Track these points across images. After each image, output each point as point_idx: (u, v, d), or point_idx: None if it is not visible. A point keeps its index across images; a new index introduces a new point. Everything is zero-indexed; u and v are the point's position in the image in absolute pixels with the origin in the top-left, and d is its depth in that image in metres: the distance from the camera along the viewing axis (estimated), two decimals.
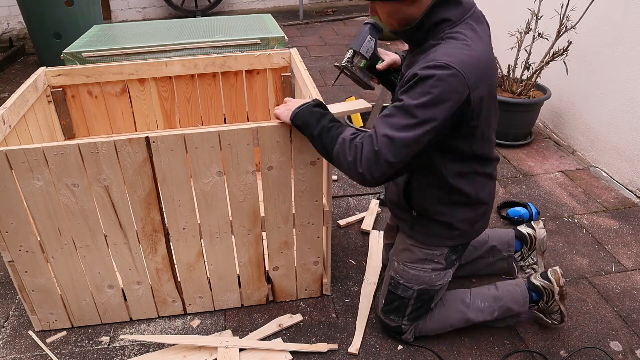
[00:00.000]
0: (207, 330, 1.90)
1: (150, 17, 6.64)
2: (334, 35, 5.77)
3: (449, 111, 1.33)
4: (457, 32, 1.39)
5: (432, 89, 1.31)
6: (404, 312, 1.75)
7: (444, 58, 1.32)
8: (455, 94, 1.32)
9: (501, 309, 1.78)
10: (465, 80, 1.31)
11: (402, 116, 1.34)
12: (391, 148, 1.34)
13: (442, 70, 1.30)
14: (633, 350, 1.78)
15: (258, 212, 1.77)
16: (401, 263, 1.72)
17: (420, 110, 1.32)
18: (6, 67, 4.94)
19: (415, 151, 1.37)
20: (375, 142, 1.35)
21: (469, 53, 1.34)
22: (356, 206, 2.62)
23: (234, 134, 1.59)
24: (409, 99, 1.33)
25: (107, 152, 1.55)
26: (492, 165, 1.63)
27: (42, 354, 1.81)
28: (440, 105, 1.31)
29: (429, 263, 1.68)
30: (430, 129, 1.34)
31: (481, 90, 1.37)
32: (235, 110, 2.56)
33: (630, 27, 2.56)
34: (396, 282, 1.73)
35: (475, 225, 1.66)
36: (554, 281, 1.75)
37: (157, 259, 1.80)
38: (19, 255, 1.69)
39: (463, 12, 1.41)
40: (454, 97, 1.32)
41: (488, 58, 1.42)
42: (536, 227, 2.02)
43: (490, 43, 1.50)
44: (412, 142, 1.35)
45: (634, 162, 2.63)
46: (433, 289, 1.71)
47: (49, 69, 2.23)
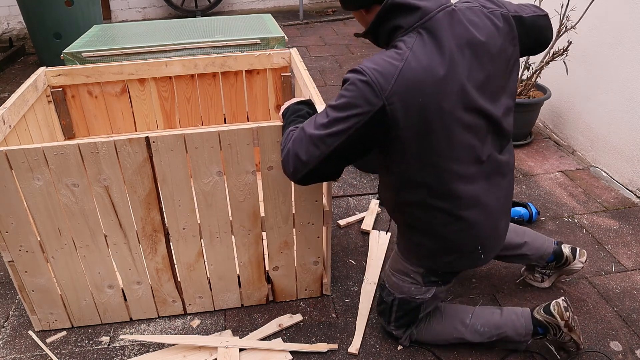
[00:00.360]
0: (207, 330, 1.90)
1: (150, 17, 6.64)
2: (334, 35, 5.77)
3: (360, 119, 1.27)
4: (402, 40, 1.30)
5: (346, 92, 1.29)
6: (389, 317, 1.74)
7: (365, 64, 1.28)
8: (365, 102, 1.26)
9: (500, 336, 1.70)
10: (377, 90, 1.24)
11: (321, 115, 1.34)
12: (302, 144, 1.34)
13: (356, 74, 1.28)
14: (633, 350, 1.78)
15: (258, 212, 1.77)
16: (389, 268, 1.73)
17: (333, 111, 1.30)
18: (6, 67, 4.94)
19: (327, 152, 1.32)
20: (294, 138, 1.37)
21: (397, 64, 1.25)
22: (356, 206, 2.62)
23: (234, 134, 1.59)
24: (332, 101, 1.33)
25: (107, 152, 1.55)
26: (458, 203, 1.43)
27: (42, 354, 1.81)
28: (350, 109, 1.27)
29: (408, 276, 1.65)
30: (339, 131, 1.29)
31: (407, 106, 1.26)
32: (235, 110, 2.56)
33: (630, 27, 2.56)
34: (383, 285, 1.74)
35: (445, 257, 1.54)
36: (557, 316, 1.63)
37: (157, 259, 1.80)
38: (19, 255, 1.69)
39: (418, 18, 1.29)
40: (364, 106, 1.26)
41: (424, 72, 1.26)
42: (577, 258, 1.94)
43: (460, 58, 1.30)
44: (320, 142, 1.31)
45: (634, 162, 2.63)
46: (414, 301, 1.66)
47: (49, 69, 2.23)
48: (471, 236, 1.50)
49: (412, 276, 1.64)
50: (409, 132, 1.30)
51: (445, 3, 1.33)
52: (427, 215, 1.47)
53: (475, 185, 1.44)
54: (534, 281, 2.05)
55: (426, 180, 1.41)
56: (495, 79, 1.40)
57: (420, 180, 1.41)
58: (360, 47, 5.29)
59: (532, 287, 2.05)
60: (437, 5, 1.31)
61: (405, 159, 1.37)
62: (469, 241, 1.51)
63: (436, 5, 1.30)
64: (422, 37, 1.29)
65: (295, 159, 1.36)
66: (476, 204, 1.46)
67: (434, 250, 1.55)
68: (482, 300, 2.01)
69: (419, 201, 1.45)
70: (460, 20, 1.33)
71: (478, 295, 2.03)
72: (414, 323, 1.75)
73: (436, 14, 1.29)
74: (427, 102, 1.28)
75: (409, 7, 1.29)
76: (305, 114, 1.52)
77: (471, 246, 1.53)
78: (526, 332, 1.68)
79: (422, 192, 1.43)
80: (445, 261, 1.56)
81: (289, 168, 1.38)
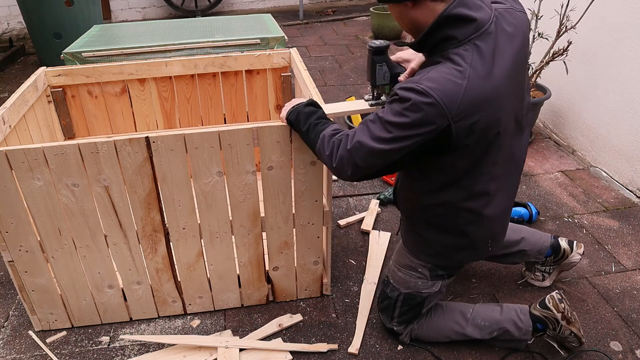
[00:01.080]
0: (207, 330, 1.90)
1: (150, 17, 6.64)
2: (334, 35, 5.77)
3: (423, 138, 1.28)
4: (457, 53, 1.28)
5: (408, 112, 1.27)
6: (392, 313, 1.75)
7: (426, 83, 1.25)
8: (430, 123, 1.26)
9: (500, 331, 1.71)
10: (445, 111, 1.24)
11: (378, 127, 1.33)
12: (361, 153, 1.36)
13: (419, 96, 1.25)
14: (633, 350, 1.78)
15: (258, 212, 1.77)
16: (394, 263, 1.73)
17: (394, 128, 1.30)
18: (6, 67, 4.94)
19: (387, 162, 1.36)
20: (349, 143, 1.38)
21: (461, 83, 1.25)
22: (356, 206, 2.62)
23: (234, 134, 1.59)
24: (388, 114, 1.31)
25: (107, 152, 1.55)
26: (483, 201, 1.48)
27: (42, 354, 1.81)
28: (415, 129, 1.27)
29: (415, 271, 1.66)
30: (401, 147, 1.31)
31: (472, 123, 1.28)
32: (235, 110, 2.56)
33: (630, 27, 2.56)
34: (387, 280, 1.75)
35: (458, 254, 1.59)
36: (552, 309, 1.66)
37: (157, 259, 1.80)
38: (19, 255, 1.69)
39: (474, 29, 1.27)
40: (429, 126, 1.26)
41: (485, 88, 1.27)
42: (574, 249, 1.95)
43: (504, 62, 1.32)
44: (381, 154, 1.34)
45: (634, 162, 2.63)
46: (420, 296, 1.68)
47: (49, 69, 2.23)
48: (487, 231, 1.56)
49: (419, 270, 1.65)
50: (469, 144, 1.33)
51: (492, 12, 1.32)
52: (453, 215, 1.50)
53: (500, 182, 1.49)
54: (535, 280, 2.05)
55: (465, 185, 1.44)
56: (525, 81, 1.46)
57: (462, 185, 1.44)
58: (360, 47, 5.29)
59: (532, 287, 2.05)
60: (489, 16, 1.30)
61: (456, 166, 1.40)
62: (484, 236, 1.57)
63: (488, 15, 1.30)
64: (479, 50, 1.27)
65: (354, 166, 1.39)
66: (497, 200, 1.51)
67: (449, 248, 1.58)
68: (482, 300, 2.01)
69: (452, 202, 1.48)
70: (504, 29, 1.33)
71: (478, 295, 2.03)
72: (416, 318, 1.76)
73: (489, 26, 1.29)
74: (489, 116, 1.30)
75: (467, 19, 1.27)
76: (323, 114, 1.55)
77: (484, 241, 1.58)
78: (526, 329, 1.69)
79: (460, 194, 1.46)
80: (457, 258, 1.62)
81: (346, 172, 1.41)
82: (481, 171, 1.42)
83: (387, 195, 2.62)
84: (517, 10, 1.42)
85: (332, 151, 1.42)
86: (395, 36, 5.48)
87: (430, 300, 1.71)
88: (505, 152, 1.44)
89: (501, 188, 1.51)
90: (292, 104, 1.60)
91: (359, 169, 1.39)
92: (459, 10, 1.26)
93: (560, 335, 1.69)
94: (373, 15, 5.52)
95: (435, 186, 1.47)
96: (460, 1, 1.27)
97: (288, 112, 1.58)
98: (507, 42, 1.33)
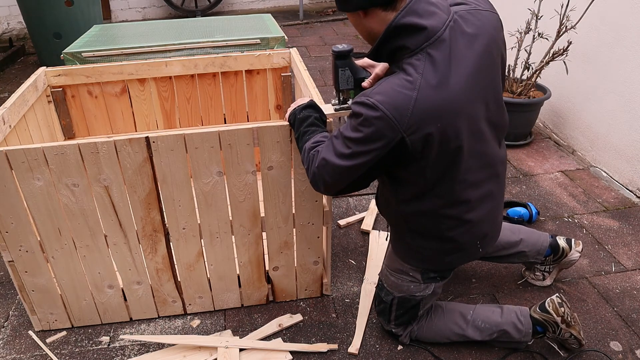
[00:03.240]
0: (207, 330, 1.90)
1: (150, 17, 6.64)
2: (334, 35, 5.77)
3: (380, 152, 1.28)
4: (410, 63, 1.26)
5: (361, 127, 1.27)
6: (389, 316, 1.75)
7: (376, 97, 1.24)
8: (382, 137, 1.25)
9: (500, 333, 1.71)
10: (395, 124, 1.22)
11: (340, 143, 1.34)
12: (328, 170, 1.37)
13: (369, 110, 1.24)
14: (633, 350, 1.78)
15: (258, 212, 1.77)
16: (386, 267, 1.73)
17: (352, 144, 1.30)
18: (6, 67, 4.94)
19: (354, 178, 1.36)
20: (316, 162, 1.40)
21: (410, 94, 1.22)
22: (356, 206, 2.62)
23: (234, 134, 1.59)
24: (347, 130, 1.32)
25: (107, 152, 1.55)
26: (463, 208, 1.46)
27: (42, 354, 1.81)
28: (370, 144, 1.27)
29: (406, 274, 1.65)
30: (361, 163, 1.31)
31: (426, 134, 1.25)
32: (235, 110, 2.56)
33: (630, 27, 2.56)
34: (381, 285, 1.74)
35: (447, 257, 1.57)
36: (552, 312, 1.65)
37: (157, 259, 1.80)
38: (19, 255, 1.69)
39: (425, 39, 1.24)
40: (383, 140, 1.25)
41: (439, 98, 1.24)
42: (573, 247, 1.95)
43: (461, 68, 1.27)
44: (345, 171, 1.35)
45: (634, 162, 2.63)
46: (414, 299, 1.67)
47: (49, 69, 2.23)
48: (474, 234, 1.53)
49: (411, 274, 1.64)
50: (429, 155, 1.31)
51: (449, 16, 1.28)
52: (434, 222, 1.49)
53: (481, 188, 1.47)
54: (535, 280, 2.05)
55: (440, 193, 1.42)
56: (496, 81, 1.41)
57: (435, 194, 1.43)
58: (360, 47, 5.29)
59: (532, 287, 2.05)
60: (442, 22, 1.26)
61: (423, 175, 1.38)
62: (471, 239, 1.54)
63: (441, 22, 1.26)
64: (431, 58, 1.24)
65: (324, 183, 1.41)
66: (480, 204, 1.49)
67: (436, 252, 1.56)
68: (482, 300, 2.01)
69: (429, 211, 1.47)
70: (464, 31, 1.29)
71: (478, 295, 2.03)
72: (415, 320, 1.75)
73: (442, 32, 1.25)
74: (445, 126, 1.27)
75: (416, 27, 1.24)
76: (314, 121, 1.53)
77: (473, 242, 1.55)
78: (526, 331, 1.69)
79: (434, 203, 1.45)
80: (446, 261, 1.59)
81: (320, 188, 1.45)
82: (454, 179, 1.39)
83: None
84: (483, 9, 1.37)
85: (308, 165, 1.45)
86: None
87: (425, 302, 1.70)
88: (480, 157, 1.41)
89: (485, 192, 1.48)
90: (295, 105, 1.59)
91: (329, 185, 1.41)
92: (408, 19, 1.24)
93: (560, 337, 1.69)
94: None
95: (410, 196, 1.46)
96: (410, 9, 1.24)
97: (289, 114, 1.59)
98: (466, 46, 1.29)
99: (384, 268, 1.74)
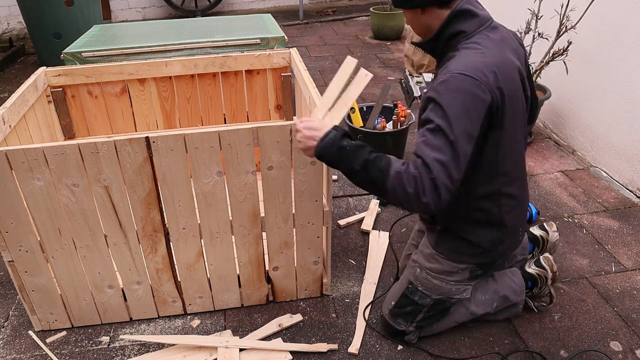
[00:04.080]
0: (207, 330, 1.90)
1: (150, 17, 6.64)
2: (334, 35, 5.77)
3: (479, 117, 1.35)
4: (472, 42, 1.42)
5: (454, 100, 1.32)
6: (414, 318, 1.75)
7: (458, 67, 1.34)
8: (478, 99, 1.33)
9: (500, 299, 1.81)
10: (483, 84, 1.33)
11: (440, 137, 1.31)
12: (447, 170, 1.29)
13: (458, 81, 1.32)
14: (633, 350, 1.78)
15: (258, 212, 1.77)
16: (424, 271, 1.70)
17: (455, 126, 1.30)
18: (6, 67, 4.94)
19: (468, 159, 1.36)
20: (430, 170, 1.29)
21: (482, 59, 1.36)
22: (356, 206, 2.62)
23: (234, 134, 1.59)
24: (439, 119, 1.31)
25: (107, 152, 1.55)
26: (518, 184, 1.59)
27: (42, 354, 1.81)
28: (470, 114, 1.33)
29: (454, 275, 1.67)
30: (469, 139, 1.34)
31: (505, 96, 1.38)
32: (235, 110, 2.56)
33: (630, 27, 2.56)
34: (414, 288, 1.72)
35: (499, 246, 1.64)
36: (547, 268, 1.82)
37: (157, 259, 1.80)
38: (19, 255, 1.69)
39: (479, 24, 1.44)
40: (479, 102, 1.34)
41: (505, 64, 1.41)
42: (549, 230, 2.02)
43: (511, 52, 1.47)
44: (463, 158, 1.33)
45: (634, 162, 2.63)
46: (450, 301, 1.72)
47: (49, 69, 2.23)
48: (521, 216, 1.68)
49: (459, 273, 1.67)
50: (506, 120, 1.42)
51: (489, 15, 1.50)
52: (496, 204, 1.57)
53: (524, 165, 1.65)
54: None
55: (507, 168, 1.53)
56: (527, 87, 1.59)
57: (503, 169, 1.52)
58: (360, 47, 5.29)
59: None
60: (489, 15, 1.48)
61: (497, 149, 1.47)
62: (520, 222, 1.67)
63: (489, 15, 1.48)
64: (489, 37, 1.43)
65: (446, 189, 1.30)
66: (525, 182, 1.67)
67: (492, 243, 1.62)
68: None
69: (495, 191, 1.55)
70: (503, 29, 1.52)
71: None
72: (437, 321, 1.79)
73: (492, 21, 1.48)
74: (514, 90, 1.43)
75: (473, 13, 1.43)
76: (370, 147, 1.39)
77: (517, 228, 1.68)
78: (520, 289, 1.84)
79: (501, 181, 1.54)
80: (499, 250, 1.67)
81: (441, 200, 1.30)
82: (514, 152, 1.53)
83: None
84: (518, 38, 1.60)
85: (417, 187, 1.29)
86: (394, 36, 5.49)
87: (455, 305, 1.76)
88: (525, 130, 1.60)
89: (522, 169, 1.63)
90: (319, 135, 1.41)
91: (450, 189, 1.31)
92: (467, 6, 1.43)
93: (540, 292, 1.86)
94: (373, 15, 5.53)
95: (480, 178, 1.52)
96: (466, 1, 1.44)
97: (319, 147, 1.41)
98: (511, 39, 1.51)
99: (422, 273, 1.71)
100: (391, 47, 5.30)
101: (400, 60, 4.83)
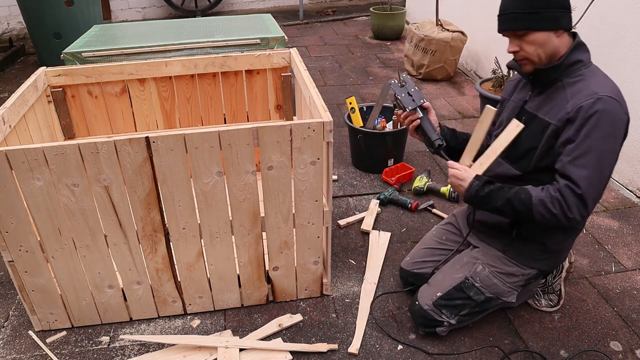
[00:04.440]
0: (207, 330, 1.90)
1: (150, 17, 6.64)
2: (334, 35, 5.77)
3: (621, 138, 1.49)
4: (590, 70, 1.53)
5: (605, 122, 1.43)
6: (459, 311, 1.76)
7: (603, 90, 1.44)
8: (621, 122, 1.47)
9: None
10: (623, 107, 1.46)
11: (588, 156, 1.45)
12: (593, 187, 1.46)
13: (606, 103, 1.43)
14: (633, 350, 1.78)
15: (258, 212, 1.77)
16: (487, 268, 1.74)
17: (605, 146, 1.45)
18: (6, 67, 4.95)
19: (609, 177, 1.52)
20: (577, 187, 1.45)
21: (613, 84, 1.49)
22: (356, 206, 2.62)
23: (234, 134, 1.59)
24: (586, 139, 1.44)
25: (107, 152, 1.55)
26: None
27: (42, 354, 1.81)
28: (616, 135, 1.46)
29: (513, 278, 1.72)
30: (614, 159, 1.49)
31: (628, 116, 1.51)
32: (235, 110, 2.56)
33: (630, 27, 2.56)
34: (471, 284, 1.74)
35: (562, 254, 1.74)
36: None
37: (157, 259, 1.80)
38: (19, 255, 1.69)
39: (589, 57, 1.56)
40: (622, 125, 1.47)
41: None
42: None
43: None
44: (608, 176, 1.49)
45: (634, 162, 2.63)
46: (496, 301, 1.76)
47: (49, 69, 2.23)
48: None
49: (519, 277, 1.73)
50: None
51: None
52: None
53: None
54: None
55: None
56: None
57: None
58: (360, 47, 5.29)
59: None
60: None
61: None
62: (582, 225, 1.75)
63: None
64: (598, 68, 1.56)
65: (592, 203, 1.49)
66: None
67: (567, 247, 1.73)
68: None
69: None
70: None
71: None
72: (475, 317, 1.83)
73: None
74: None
75: (586, 47, 1.57)
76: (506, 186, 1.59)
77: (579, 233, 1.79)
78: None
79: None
80: (563, 257, 1.76)
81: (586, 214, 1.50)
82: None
83: (387, 195, 2.62)
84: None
85: (561, 207, 1.47)
86: (394, 36, 5.49)
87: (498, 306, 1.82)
88: None
89: None
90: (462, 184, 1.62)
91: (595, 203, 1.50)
92: (580, 39, 1.55)
93: (552, 287, 1.92)
94: (373, 15, 5.53)
95: None
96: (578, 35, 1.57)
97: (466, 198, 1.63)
98: None
99: (483, 270, 1.74)
100: (391, 47, 5.30)
101: (400, 60, 4.83)
